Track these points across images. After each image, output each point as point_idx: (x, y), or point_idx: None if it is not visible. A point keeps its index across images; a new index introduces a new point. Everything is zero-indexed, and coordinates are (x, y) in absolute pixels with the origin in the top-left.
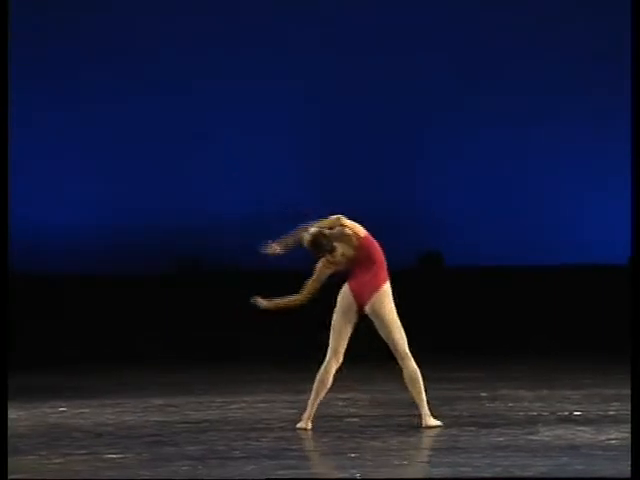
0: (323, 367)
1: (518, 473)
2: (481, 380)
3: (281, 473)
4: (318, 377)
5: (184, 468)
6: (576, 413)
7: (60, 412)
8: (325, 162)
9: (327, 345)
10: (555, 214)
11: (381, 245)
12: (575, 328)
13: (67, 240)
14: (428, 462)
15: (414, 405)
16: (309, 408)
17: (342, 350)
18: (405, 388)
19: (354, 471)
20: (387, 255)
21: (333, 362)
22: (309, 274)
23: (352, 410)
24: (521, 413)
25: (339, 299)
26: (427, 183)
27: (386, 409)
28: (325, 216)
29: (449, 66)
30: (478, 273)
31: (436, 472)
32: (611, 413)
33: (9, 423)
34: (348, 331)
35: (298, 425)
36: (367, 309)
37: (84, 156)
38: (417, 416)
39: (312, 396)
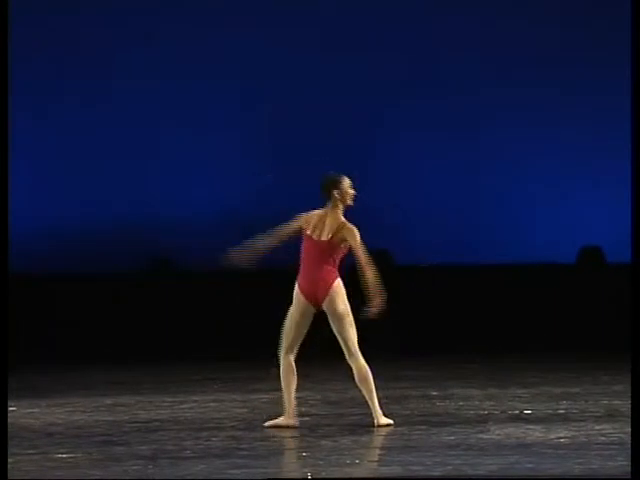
0: (282, 364)
1: (469, 472)
2: (431, 379)
3: (232, 472)
4: (282, 373)
5: (134, 468)
6: (526, 412)
7: (10, 412)
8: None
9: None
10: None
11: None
12: (523, 327)
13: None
14: (379, 461)
15: (365, 404)
16: (287, 404)
17: (297, 345)
18: (356, 387)
19: (305, 470)
20: None
21: (289, 356)
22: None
23: (303, 409)
24: (471, 412)
25: (294, 296)
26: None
27: (337, 408)
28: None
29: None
30: (430, 272)
31: (387, 471)
32: (560, 412)
33: None
34: (304, 329)
35: (284, 423)
36: (323, 306)
37: (57, 156)
38: (368, 415)
39: (285, 393)
